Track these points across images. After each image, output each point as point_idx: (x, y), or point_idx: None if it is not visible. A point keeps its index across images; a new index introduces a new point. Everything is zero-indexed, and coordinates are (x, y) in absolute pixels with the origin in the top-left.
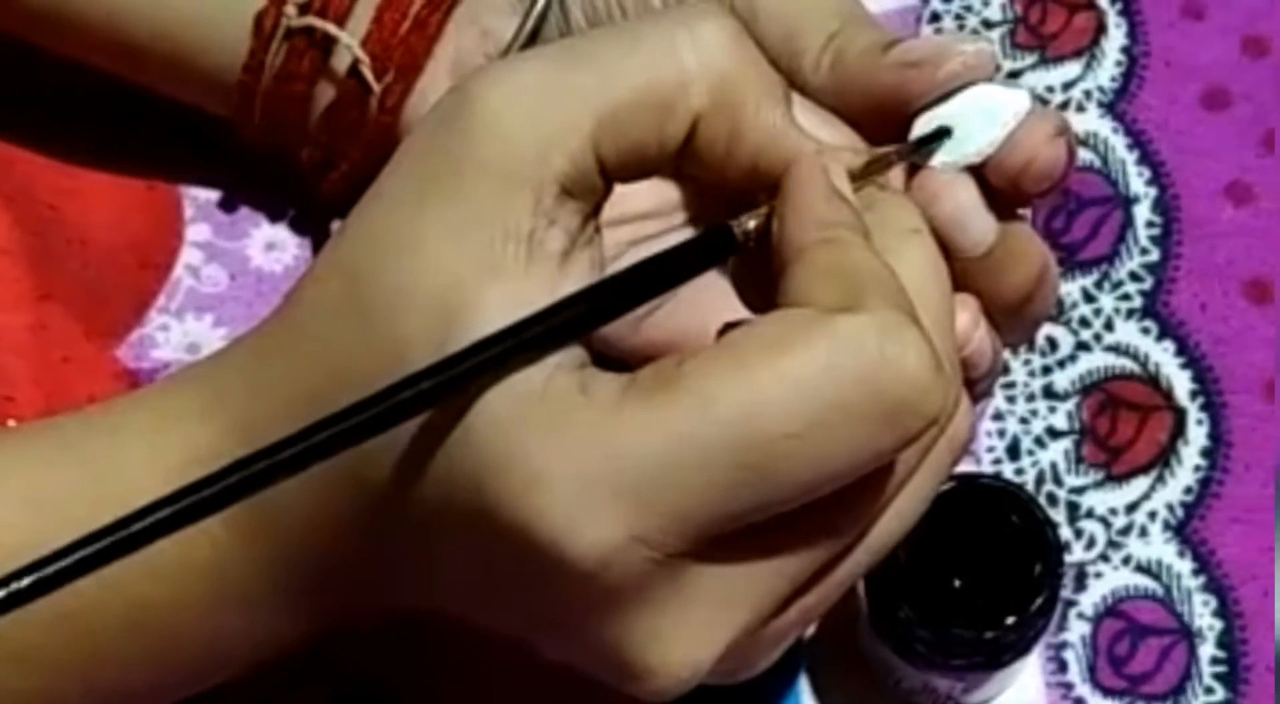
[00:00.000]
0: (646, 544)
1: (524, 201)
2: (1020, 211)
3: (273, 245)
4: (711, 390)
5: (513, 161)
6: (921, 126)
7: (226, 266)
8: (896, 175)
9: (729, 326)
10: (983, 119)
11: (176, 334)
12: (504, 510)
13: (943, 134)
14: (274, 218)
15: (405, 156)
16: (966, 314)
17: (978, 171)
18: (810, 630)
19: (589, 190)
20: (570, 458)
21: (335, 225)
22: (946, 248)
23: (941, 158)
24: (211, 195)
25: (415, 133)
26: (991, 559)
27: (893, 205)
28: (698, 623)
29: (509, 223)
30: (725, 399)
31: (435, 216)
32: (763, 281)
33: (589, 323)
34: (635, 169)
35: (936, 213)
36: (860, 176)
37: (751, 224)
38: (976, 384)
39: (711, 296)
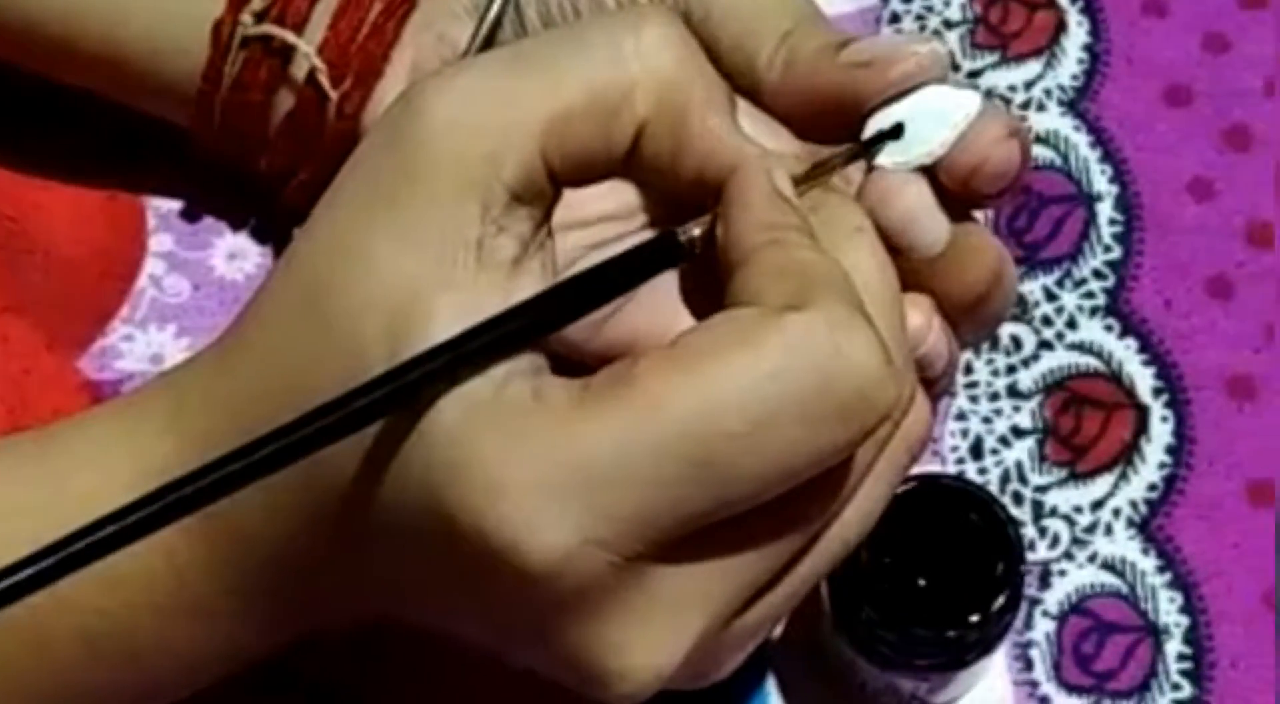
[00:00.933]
0: (604, 547)
1: (473, 210)
2: (981, 211)
3: (235, 255)
4: (663, 392)
5: (461, 170)
6: (874, 127)
7: (189, 276)
8: (853, 174)
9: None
10: (934, 120)
11: (140, 345)
12: (460, 517)
13: (885, 137)
14: (236, 227)
15: (354, 167)
16: (920, 314)
17: (931, 172)
18: (777, 633)
19: (538, 196)
20: (524, 464)
21: (297, 233)
22: (900, 248)
23: (893, 158)
24: (174, 205)
25: (364, 143)
26: (953, 559)
27: (837, 205)
28: (660, 625)
29: (458, 231)
30: (677, 401)
31: (385, 227)
32: (709, 288)
33: (537, 330)
34: (583, 174)
35: (889, 213)
36: (804, 181)
37: (697, 231)
38: (934, 383)
39: (673, 298)
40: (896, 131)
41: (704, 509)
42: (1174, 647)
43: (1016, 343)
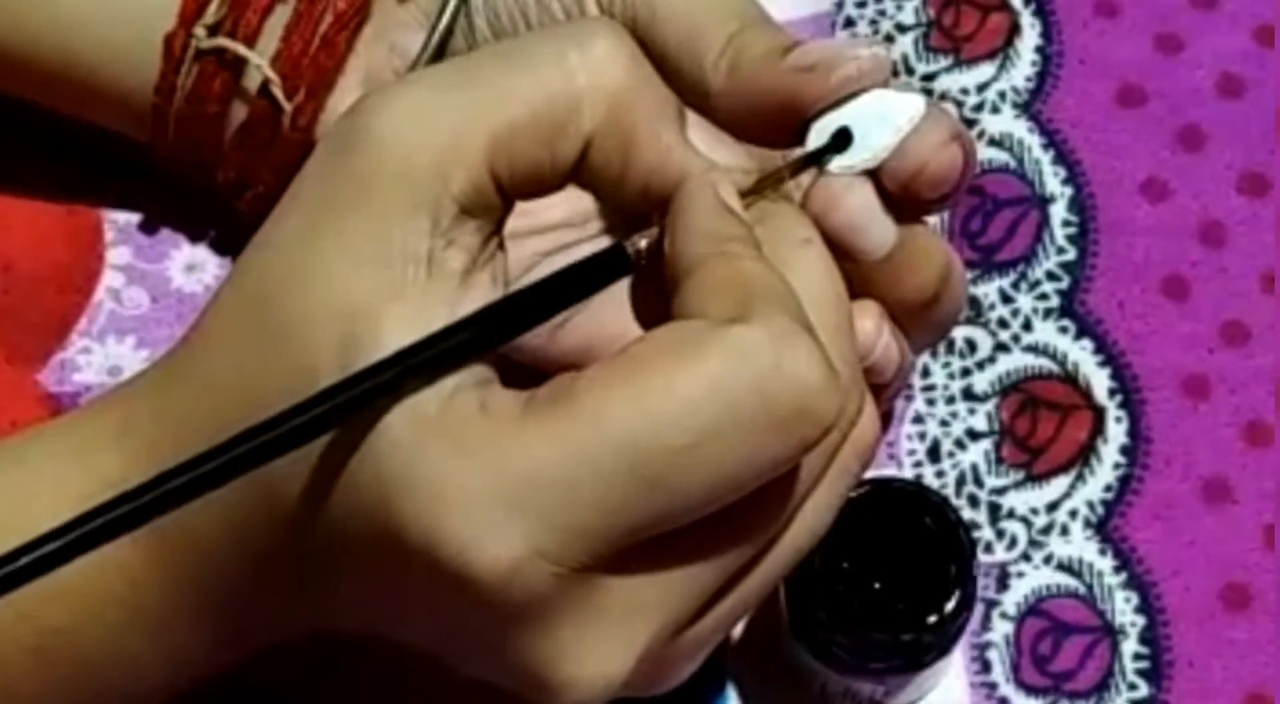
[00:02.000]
0: (549, 559)
1: (421, 223)
2: (934, 215)
3: (193, 266)
4: (605, 405)
5: (409, 184)
6: (818, 131)
7: (148, 288)
8: (802, 178)
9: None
10: (878, 123)
11: (99, 357)
12: (408, 530)
13: (830, 149)
14: (194, 239)
15: (303, 182)
16: (869, 320)
17: (876, 176)
18: (736, 634)
19: (487, 209)
20: (470, 476)
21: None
22: (847, 252)
23: (838, 162)
24: (132, 218)
25: (312, 157)
26: (907, 562)
27: (784, 217)
28: (608, 635)
29: (407, 245)
30: (619, 413)
31: (335, 242)
32: (656, 301)
33: (484, 344)
34: (531, 187)
35: (834, 218)
36: (750, 193)
37: (644, 243)
38: (885, 389)
39: (627, 306)
40: (843, 142)
41: (648, 521)
42: (1131, 646)
43: (972, 346)
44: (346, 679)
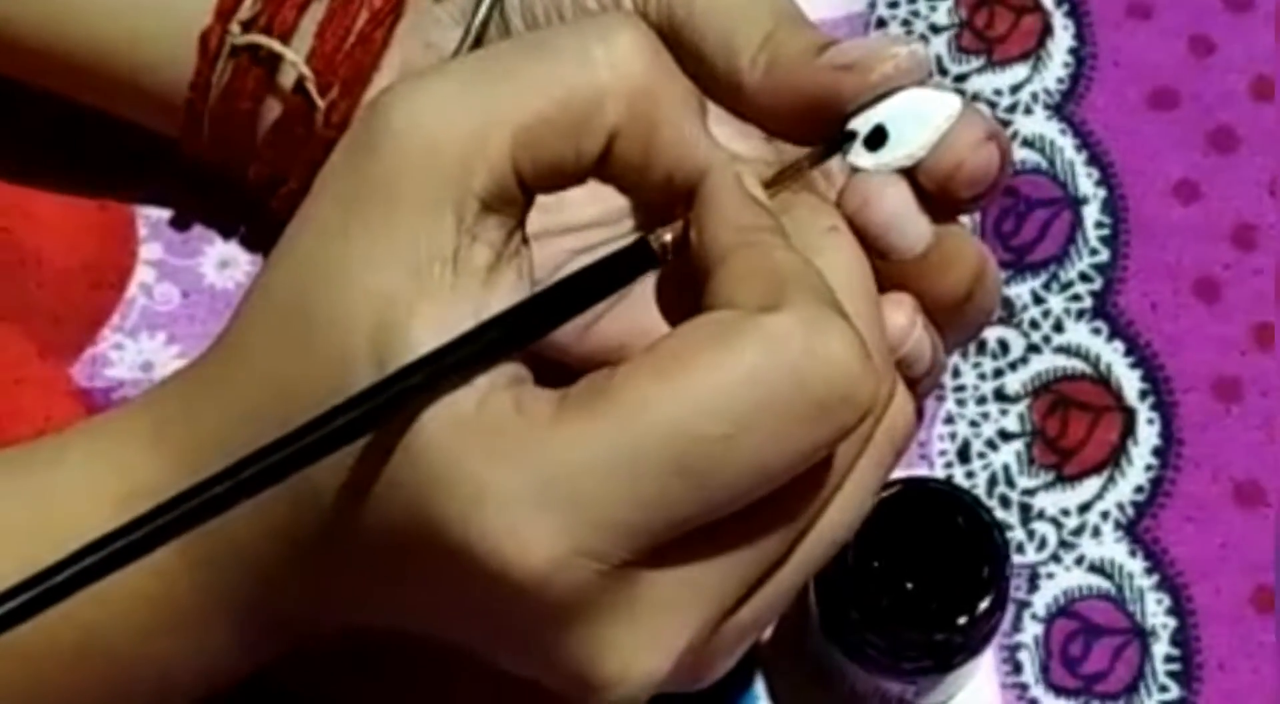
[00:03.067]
0: (590, 556)
1: (446, 220)
2: (967, 215)
3: (226, 263)
4: (642, 399)
5: (432, 181)
6: (854, 128)
7: (179, 284)
8: (837, 176)
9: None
10: (915, 122)
11: (130, 353)
12: (447, 531)
13: (847, 137)
14: (226, 235)
15: (328, 178)
16: (903, 313)
17: (912, 175)
18: (766, 636)
19: (510, 204)
20: (508, 475)
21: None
22: (882, 250)
23: (874, 160)
24: (164, 214)
25: (335, 153)
26: (939, 562)
27: (808, 206)
28: (650, 630)
29: (433, 243)
30: (656, 407)
31: (361, 241)
32: (681, 294)
33: (514, 342)
34: (554, 181)
35: (869, 215)
36: (774, 184)
37: (669, 236)
38: (917, 384)
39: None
40: (878, 141)
41: (688, 514)
42: (1161, 648)
43: (1004, 346)
44: (371, 678)
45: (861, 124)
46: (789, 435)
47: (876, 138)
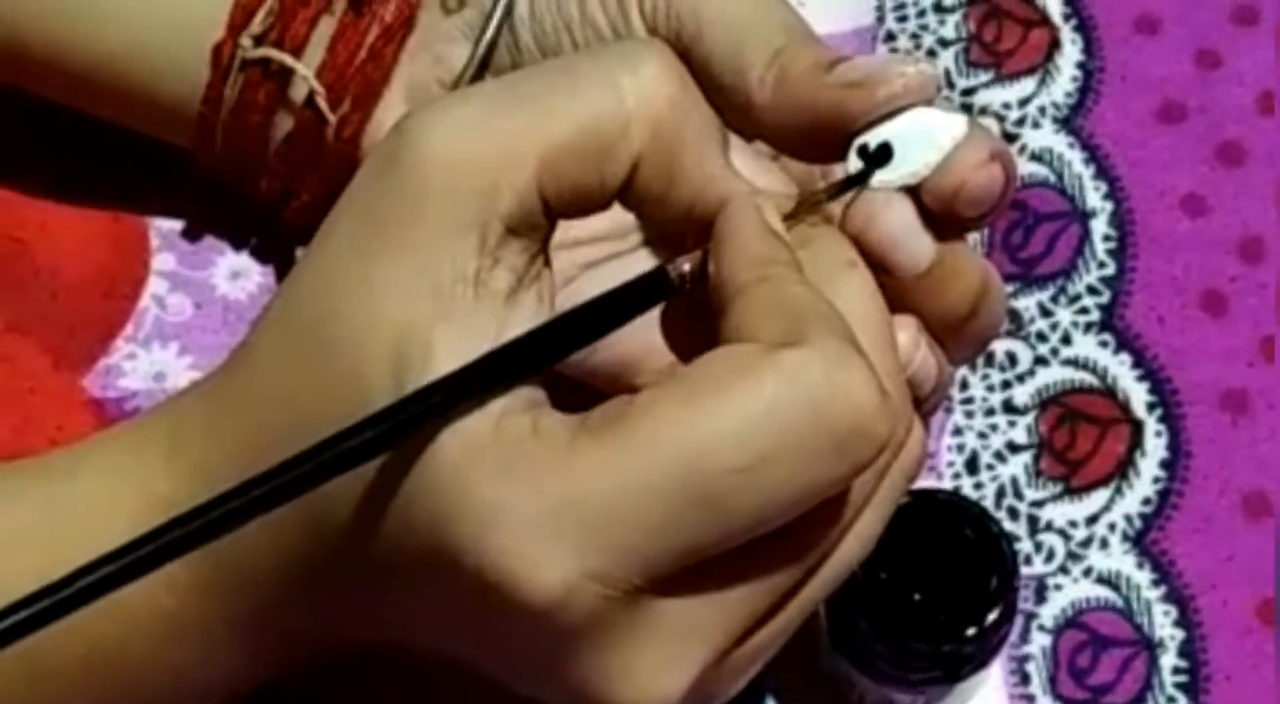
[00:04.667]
0: (603, 582)
1: (469, 243)
2: (974, 231)
3: (238, 274)
4: (660, 428)
5: (457, 204)
6: (861, 146)
7: (191, 295)
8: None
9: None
10: (921, 141)
11: (143, 363)
12: (462, 553)
13: (869, 172)
14: (238, 246)
15: (351, 199)
16: (906, 335)
17: (916, 193)
18: None
19: (533, 228)
20: (524, 499)
21: (300, 253)
22: (885, 267)
23: (879, 178)
24: (176, 225)
25: (359, 174)
26: (948, 573)
27: (827, 241)
28: (661, 657)
29: (456, 265)
30: (674, 438)
31: (383, 262)
32: (690, 321)
33: (530, 367)
34: (578, 207)
35: (873, 233)
36: (792, 216)
37: (686, 267)
38: (924, 402)
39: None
40: (883, 157)
41: (702, 543)
42: (1169, 660)
43: (1012, 359)
44: (375, 688)
45: (868, 142)
46: (806, 469)
47: (882, 155)
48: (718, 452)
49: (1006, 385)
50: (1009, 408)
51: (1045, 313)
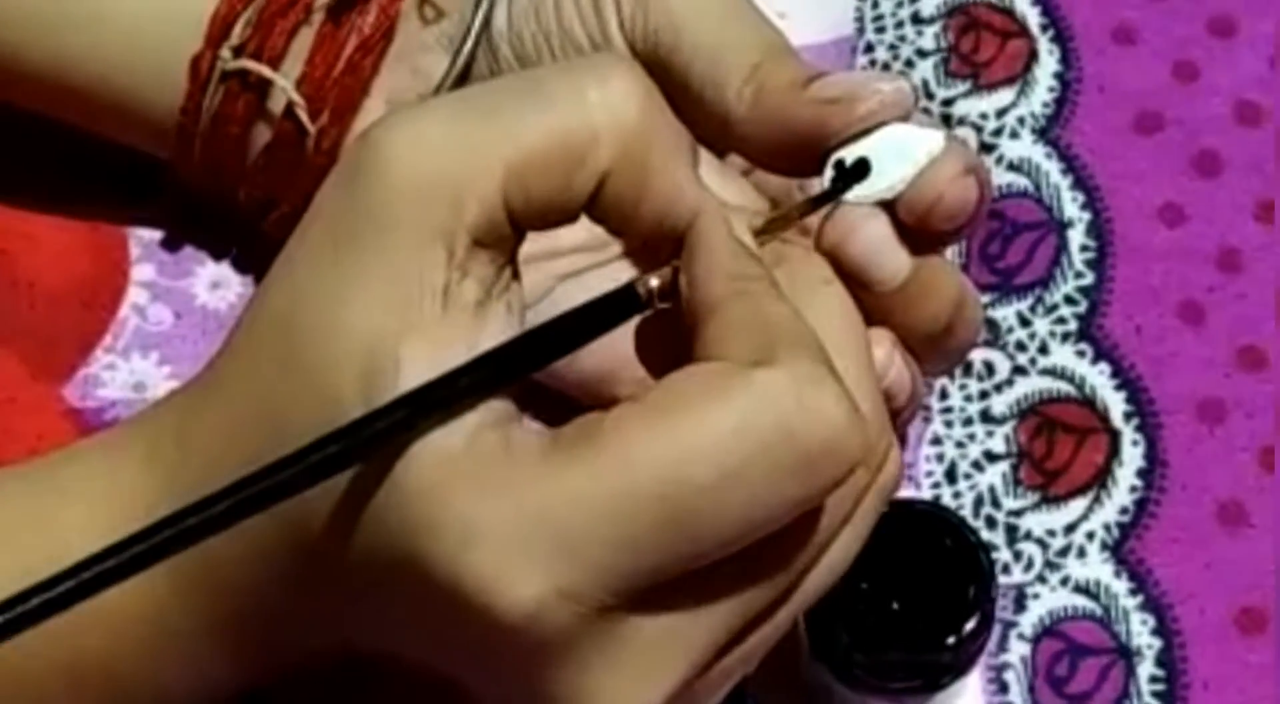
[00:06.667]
0: (574, 599)
1: (437, 255)
2: (950, 245)
3: (217, 284)
4: (631, 446)
5: (424, 216)
6: (837, 161)
7: (171, 305)
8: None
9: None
10: (897, 156)
11: (123, 373)
12: (433, 567)
13: (840, 189)
14: (218, 256)
15: (319, 209)
16: (881, 348)
17: (892, 208)
18: None
19: (501, 240)
20: (495, 515)
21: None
22: (861, 282)
23: (855, 193)
24: (156, 235)
25: (326, 183)
26: (926, 583)
27: (802, 259)
28: (635, 675)
29: (424, 277)
30: (647, 456)
31: (352, 273)
32: (663, 335)
33: (501, 380)
34: (546, 219)
35: (849, 247)
36: (763, 233)
37: (655, 282)
38: (897, 416)
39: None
40: (859, 172)
41: (673, 561)
42: (1147, 669)
43: (990, 368)
44: (360, 697)
45: (845, 157)
46: (776, 487)
47: (859, 171)
48: (688, 470)
49: (985, 395)
50: (987, 417)
51: (1023, 322)
